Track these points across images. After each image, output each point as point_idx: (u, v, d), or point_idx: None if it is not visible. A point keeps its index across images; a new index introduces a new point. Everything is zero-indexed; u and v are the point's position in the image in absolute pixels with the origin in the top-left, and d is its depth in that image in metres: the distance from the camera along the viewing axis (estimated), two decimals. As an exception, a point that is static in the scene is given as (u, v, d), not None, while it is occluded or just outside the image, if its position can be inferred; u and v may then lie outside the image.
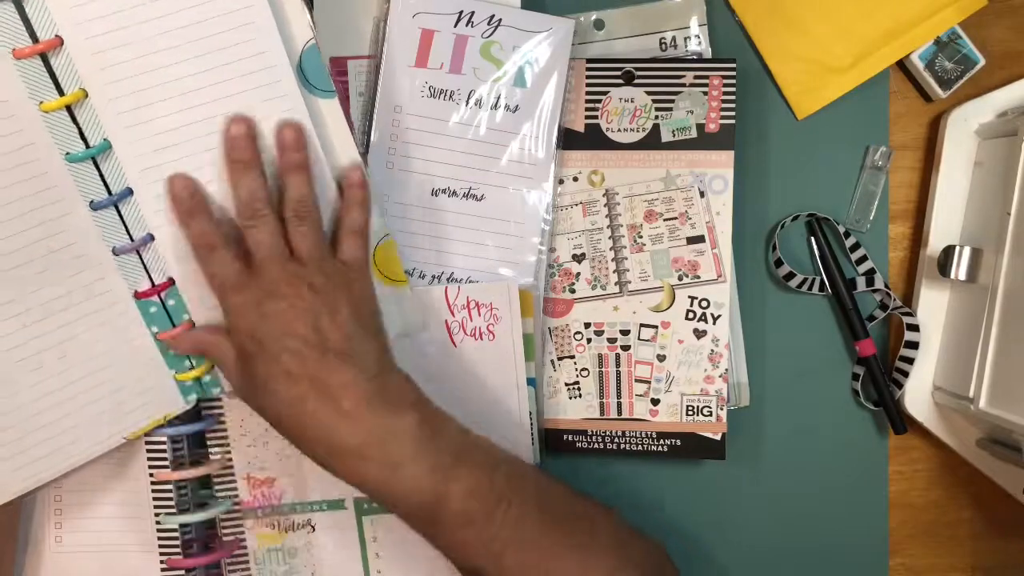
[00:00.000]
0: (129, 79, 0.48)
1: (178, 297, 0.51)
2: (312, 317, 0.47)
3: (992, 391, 0.54)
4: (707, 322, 0.58)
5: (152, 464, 0.54)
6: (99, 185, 0.49)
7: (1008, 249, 0.53)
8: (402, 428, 0.47)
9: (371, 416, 0.46)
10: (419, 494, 0.47)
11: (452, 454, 0.48)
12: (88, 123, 0.48)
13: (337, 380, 0.46)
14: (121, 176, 0.49)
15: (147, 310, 0.51)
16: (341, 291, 0.48)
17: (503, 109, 0.56)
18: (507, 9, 0.56)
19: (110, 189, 0.49)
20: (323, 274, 0.48)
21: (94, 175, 0.49)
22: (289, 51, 0.50)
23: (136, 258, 0.50)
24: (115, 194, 0.49)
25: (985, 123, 0.59)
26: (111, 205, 0.49)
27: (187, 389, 0.53)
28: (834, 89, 0.60)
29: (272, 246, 0.48)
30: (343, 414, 0.46)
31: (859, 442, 0.62)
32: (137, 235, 0.50)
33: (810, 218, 0.60)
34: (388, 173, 0.56)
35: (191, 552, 0.54)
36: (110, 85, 0.47)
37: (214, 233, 0.49)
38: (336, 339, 0.47)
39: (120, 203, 0.49)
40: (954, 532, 0.63)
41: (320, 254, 0.49)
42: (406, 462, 0.46)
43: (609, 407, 0.58)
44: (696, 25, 0.58)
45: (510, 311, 0.55)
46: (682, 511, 0.61)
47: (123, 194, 0.49)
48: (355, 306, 0.49)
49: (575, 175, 0.58)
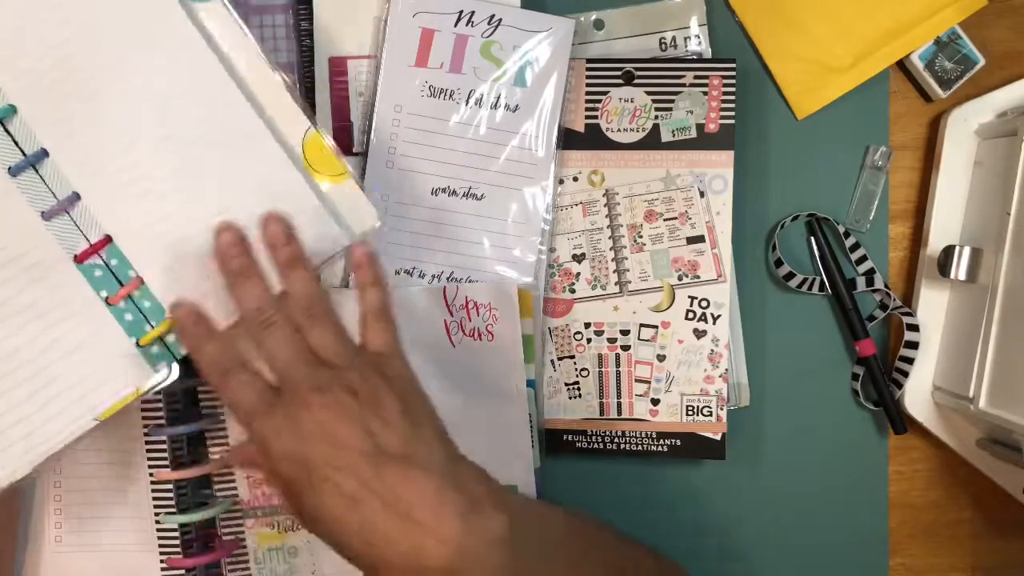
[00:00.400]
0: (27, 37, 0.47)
1: (120, 255, 0.48)
2: (358, 424, 0.41)
3: (992, 391, 0.54)
4: (707, 322, 0.58)
5: (152, 464, 0.54)
6: (14, 150, 0.47)
7: (1008, 249, 0.53)
8: (494, 537, 0.41)
9: (459, 527, 0.40)
10: None
11: (537, 552, 0.44)
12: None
13: (405, 490, 0.40)
14: (32, 138, 0.47)
15: (91, 274, 0.48)
16: (382, 386, 0.43)
17: (503, 109, 0.56)
18: (507, 9, 0.56)
19: (24, 151, 0.47)
20: (357, 372, 0.43)
21: (7, 140, 0.47)
22: None
23: (67, 219, 0.48)
24: (30, 155, 0.47)
25: (985, 123, 0.59)
26: (29, 167, 0.47)
27: (155, 356, 0.48)
28: (834, 89, 0.60)
29: (293, 353, 0.43)
30: (424, 529, 0.40)
31: (859, 442, 0.62)
32: (62, 195, 0.48)
33: (810, 218, 0.60)
34: (388, 173, 0.56)
35: (191, 552, 0.54)
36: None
37: (226, 356, 0.44)
38: (394, 442, 0.41)
39: (38, 164, 0.47)
40: (954, 532, 0.63)
41: (347, 351, 0.44)
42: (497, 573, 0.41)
43: (609, 407, 0.58)
44: (696, 25, 0.59)
45: (510, 311, 0.55)
46: (682, 511, 0.61)
47: (39, 155, 0.47)
48: (402, 398, 0.43)
49: (575, 175, 0.58)
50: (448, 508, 0.40)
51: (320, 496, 0.40)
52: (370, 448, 0.41)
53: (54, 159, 0.48)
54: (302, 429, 0.41)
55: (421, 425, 0.43)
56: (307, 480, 0.41)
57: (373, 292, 0.47)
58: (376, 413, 0.42)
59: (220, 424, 0.55)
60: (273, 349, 0.43)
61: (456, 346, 0.56)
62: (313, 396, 0.41)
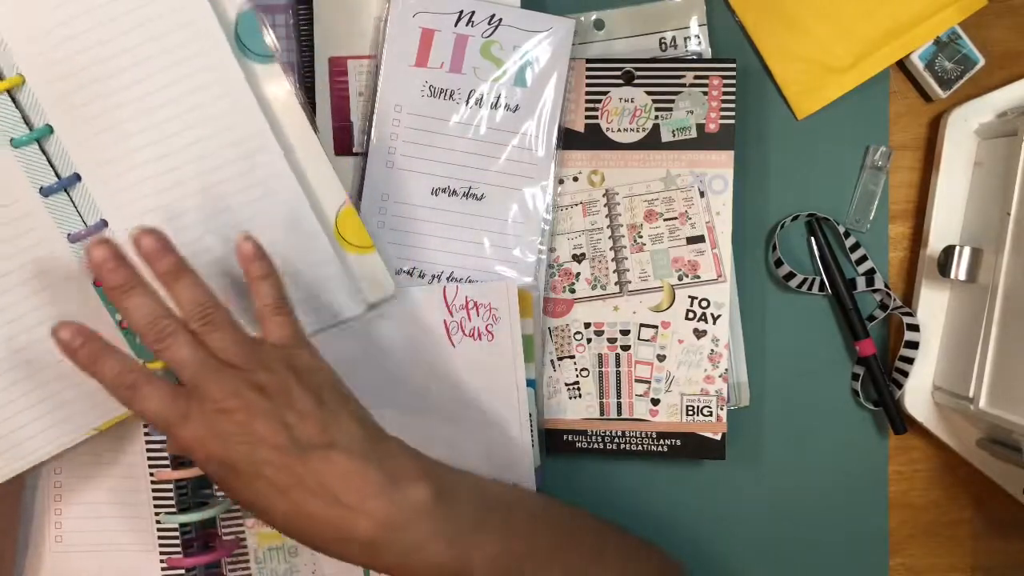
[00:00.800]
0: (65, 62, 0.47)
1: None
2: (274, 419, 0.43)
3: (992, 391, 0.54)
4: (707, 322, 0.58)
5: (152, 463, 0.54)
6: (47, 169, 0.48)
7: (1008, 249, 0.53)
8: (417, 507, 0.43)
9: (383, 502, 0.43)
10: (440, 570, 0.44)
11: (470, 522, 0.45)
12: (31, 108, 0.48)
13: (329, 475, 0.43)
14: (68, 161, 0.48)
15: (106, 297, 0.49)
16: (290, 378, 0.44)
17: (503, 109, 0.56)
18: (507, 9, 0.56)
19: (59, 173, 0.48)
20: (263, 368, 0.44)
21: (41, 159, 0.48)
22: (222, 18, 0.49)
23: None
24: (63, 179, 0.48)
25: (985, 123, 0.59)
26: (61, 190, 0.48)
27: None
28: (834, 89, 0.60)
29: (197, 360, 0.43)
30: (350, 508, 0.42)
31: (859, 442, 0.62)
32: (91, 221, 0.49)
33: (810, 218, 0.60)
34: (388, 173, 0.56)
35: (191, 551, 0.54)
36: (46, 68, 0.47)
37: (130, 370, 0.43)
38: (309, 432, 0.43)
39: (69, 188, 0.48)
40: (954, 532, 0.63)
41: (250, 350, 0.44)
42: (426, 543, 0.44)
43: (609, 407, 0.58)
44: (696, 25, 0.59)
45: (509, 311, 0.55)
46: (682, 511, 0.61)
47: (71, 179, 0.48)
48: (311, 387, 0.44)
49: (575, 175, 0.58)
50: (370, 485, 0.43)
51: (250, 489, 0.43)
52: (287, 440, 0.43)
53: (86, 185, 0.49)
54: (221, 433, 0.42)
55: (336, 411, 0.45)
56: (236, 477, 0.43)
57: (266, 285, 0.47)
58: (289, 406, 0.43)
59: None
60: (178, 357, 0.43)
61: (456, 346, 0.56)
62: (226, 401, 0.43)
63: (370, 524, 0.43)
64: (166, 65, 0.48)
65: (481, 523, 0.46)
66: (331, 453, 0.43)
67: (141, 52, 0.48)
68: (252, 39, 0.50)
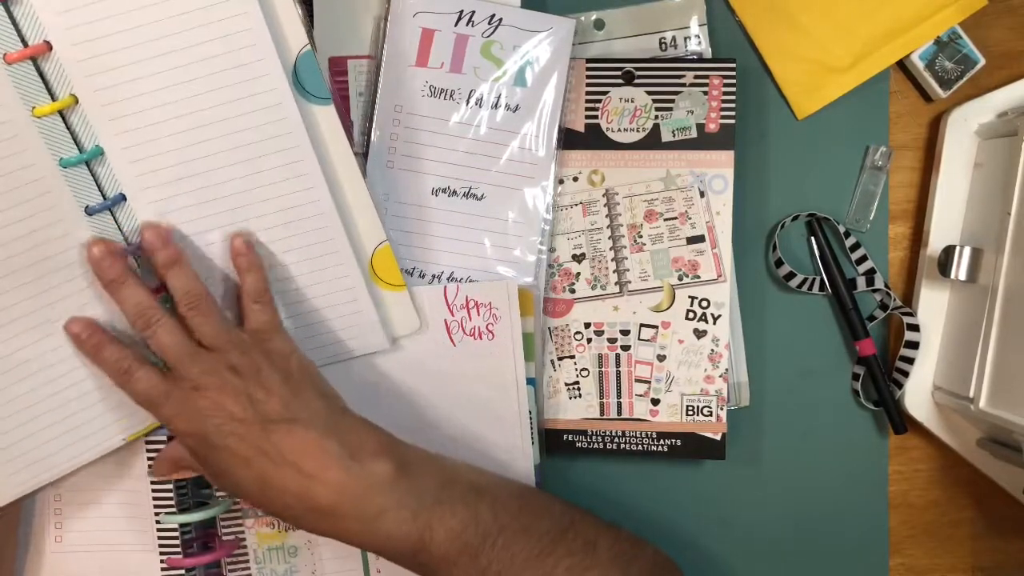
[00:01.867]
0: (120, 86, 0.48)
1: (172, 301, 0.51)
2: (243, 396, 0.47)
3: (992, 391, 0.54)
4: (707, 322, 0.58)
5: (152, 464, 0.54)
6: (94, 190, 0.49)
7: (1008, 249, 0.53)
8: (376, 478, 0.47)
9: (340, 472, 0.46)
10: (402, 541, 0.47)
11: (432, 495, 0.48)
12: (81, 128, 0.48)
13: (290, 446, 0.46)
14: (115, 181, 0.49)
15: None
16: (262, 360, 0.48)
17: (503, 108, 0.56)
18: (507, 9, 0.56)
19: (104, 194, 0.49)
20: (238, 351, 0.48)
21: (88, 180, 0.49)
22: (283, 58, 0.50)
23: (133, 263, 0.50)
24: (109, 199, 0.49)
25: (985, 123, 0.59)
26: (106, 210, 0.49)
27: None
28: (834, 89, 0.60)
29: (177, 345, 0.48)
30: (310, 477, 0.46)
31: (859, 442, 0.62)
32: (133, 240, 0.50)
33: (810, 218, 0.60)
34: (388, 173, 0.56)
35: (191, 552, 0.54)
36: (101, 92, 0.48)
37: (125, 357, 0.48)
38: (274, 407, 0.47)
39: (114, 208, 0.49)
40: (954, 532, 0.63)
41: (227, 334, 0.49)
42: (385, 512, 0.47)
43: (609, 407, 0.58)
44: (696, 25, 0.59)
45: (509, 311, 0.55)
46: (682, 511, 0.61)
47: (116, 199, 0.49)
48: (281, 368, 0.49)
49: (575, 175, 0.58)
50: (329, 456, 0.46)
51: (219, 460, 0.47)
52: (254, 415, 0.47)
53: (131, 204, 0.50)
54: (196, 408, 0.47)
55: (301, 389, 0.49)
56: (208, 448, 0.47)
57: (251, 276, 0.51)
58: (258, 384, 0.48)
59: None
60: (161, 343, 0.48)
61: (456, 346, 0.56)
62: (201, 379, 0.47)
63: (329, 492, 0.46)
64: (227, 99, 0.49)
65: (443, 497, 0.48)
66: (293, 427, 0.47)
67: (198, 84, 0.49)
68: (311, 80, 0.51)
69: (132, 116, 0.48)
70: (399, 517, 0.47)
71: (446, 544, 0.47)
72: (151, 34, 0.47)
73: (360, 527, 0.47)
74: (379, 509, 0.47)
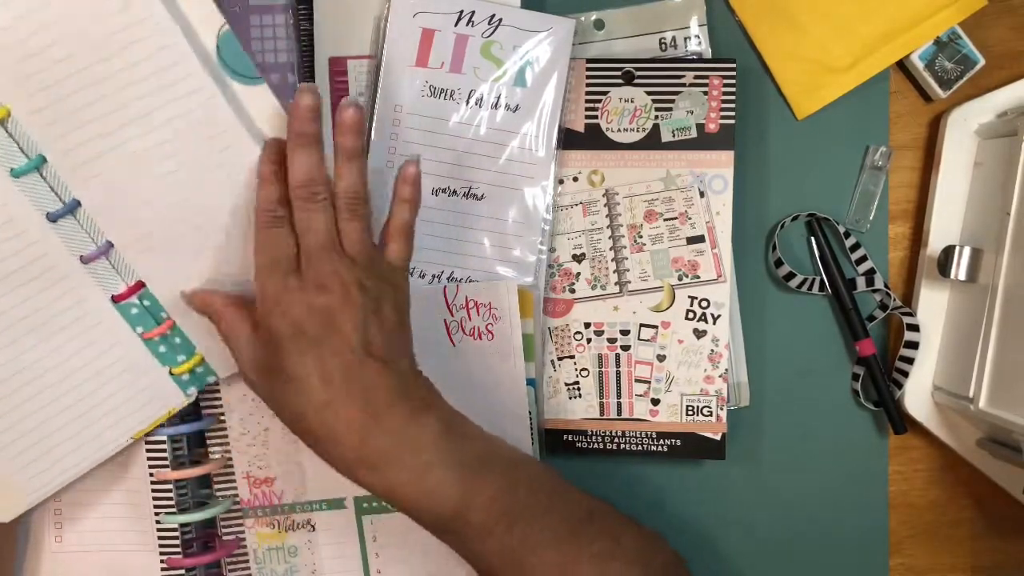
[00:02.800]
0: (48, 90, 0.47)
1: (152, 297, 0.51)
2: (360, 319, 0.46)
3: (992, 391, 0.54)
4: (707, 322, 0.58)
5: (152, 464, 0.54)
6: (51, 196, 0.49)
7: (1008, 249, 0.53)
8: (430, 431, 0.46)
9: (400, 420, 0.46)
10: (445, 500, 0.46)
11: (477, 459, 0.47)
12: (22, 138, 0.48)
13: (373, 384, 0.45)
14: (65, 188, 0.49)
15: (128, 312, 0.51)
16: (388, 294, 0.47)
17: (503, 109, 0.56)
18: (507, 9, 0.56)
19: (62, 199, 0.49)
20: (374, 275, 0.47)
21: (44, 187, 0.49)
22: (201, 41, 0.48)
23: (106, 263, 0.50)
24: (67, 203, 0.49)
25: (985, 123, 0.59)
26: (68, 214, 0.49)
27: (185, 383, 0.53)
28: (834, 89, 0.60)
29: (327, 235, 0.46)
30: (375, 419, 0.45)
31: (859, 442, 0.62)
32: (99, 241, 0.50)
33: (810, 218, 0.60)
34: (388, 173, 0.56)
35: (191, 551, 0.55)
36: (32, 97, 0.47)
37: (282, 206, 0.47)
38: (379, 344, 0.46)
39: (75, 212, 0.49)
40: (954, 532, 0.63)
41: (371, 251, 0.48)
42: (432, 468, 0.46)
43: (609, 407, 0.58)
44: (696, 25, 0.59)
45: (509, 311, 0.56)
46: (682, 511, 0.61)
47: (72, 204, 0.49)
48: (398, 309, 0.48)
49: (575, 175, 0.58)
50: (398, 406, 0.46)
51: (300, 364, 0.45)
52: (359, 340, 0.45)
53: (87, 209, 0.49)
54: (312, 302, 0.45)
55: (404, 337, 0.49)
56: (295, 346, 0.45)
57: (405, 209, 0.50)
58: (376, 314, 0.46)
59: (220, 424, 0.55)
60: (314, 223, 0.46)
61: (456, 346, 0.56)
62: (332, 280, 0.46)
63: (388, 435, 0.45)
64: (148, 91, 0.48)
65: (486, 466, 0.47)
66: (384, 369, 0.46)
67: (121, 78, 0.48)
68: (235, 60, 0.49)
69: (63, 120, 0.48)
70: (445, 476, 0.46)
71: (484, 512, 0.46)
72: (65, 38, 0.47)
73: (408, 478, 0.45)
74: (427, 463, 0.46)
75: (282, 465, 0.56)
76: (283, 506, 0.56)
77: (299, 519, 0.57)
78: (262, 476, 0.56)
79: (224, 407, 0.55)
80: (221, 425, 0.55)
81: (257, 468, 0.56)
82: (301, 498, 0.56)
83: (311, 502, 0.56)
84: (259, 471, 0.56)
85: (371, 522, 0.57)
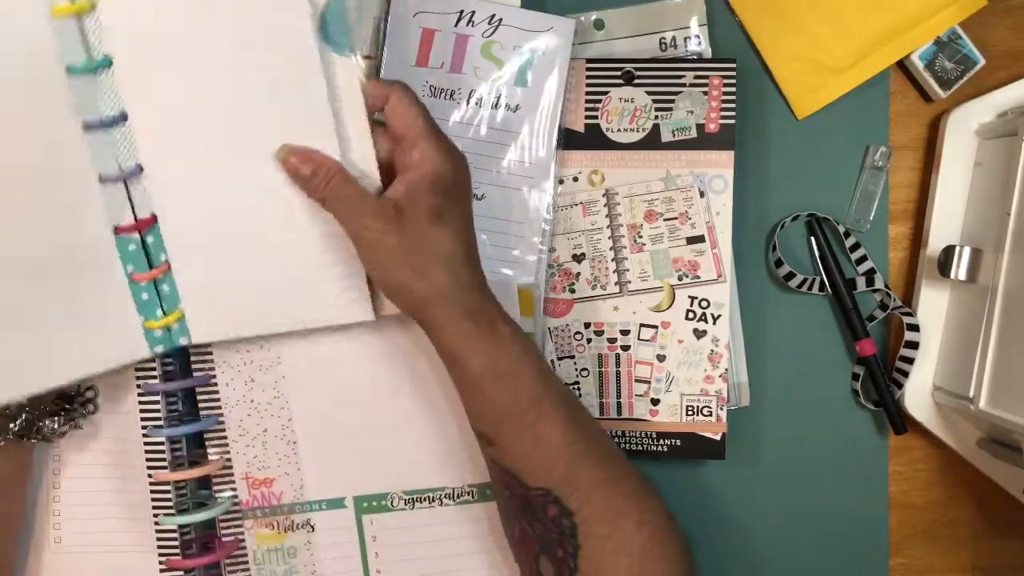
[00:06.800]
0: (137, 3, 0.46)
1: (158, 235, 0.49)
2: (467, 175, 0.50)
3: (992, 391, 0.54)
4: (707, 322, 0.58)
5: (151, 465, 0.54)
6: (94, 104, 0.46)
7: (1008, 249, 0.53)
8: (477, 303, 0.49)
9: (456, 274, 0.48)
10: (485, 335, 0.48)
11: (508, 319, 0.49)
12: (94, 36, 0.46)
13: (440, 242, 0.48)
14: (117, 98, 0.47)
15: (125, 247, 0.49)
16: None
17: (503, 109, 0.56)
18: (507, 9, 0.56)
19: (107, 112, 0.47)
20: None
21: (92, 92, 0.46)
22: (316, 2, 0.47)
23: (123, 190, 0.48)
24: (108, 117, 0.47)
25: (985, 123, 0.59)
26: (104, 127, 0.47)
27: (155, 339, 0.51)
28: (834, 89, 0.60)
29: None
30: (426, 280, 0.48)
31: (859, 442, 0.62)
32: (127, 165, 0.48)
33: (810, 218, 0.60)
34: (388, 173, 0.56)
35: (190, 553, 0.54)
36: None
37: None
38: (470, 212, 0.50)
39: (114, 127, 0.47)
40: (954, 532, 0.63)
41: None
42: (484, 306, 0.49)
43: (609, 407, 0.58)
44: (696, 25, 0.58)
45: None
46: (682, 511, 0.61)
47: (117, 118, 0.47)
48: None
49: (575, 175, 0.58)
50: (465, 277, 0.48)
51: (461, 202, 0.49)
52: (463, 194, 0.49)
53: (132, 125, 0.47)
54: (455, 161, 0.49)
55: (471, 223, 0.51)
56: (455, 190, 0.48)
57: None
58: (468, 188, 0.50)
59: (219, 425, 0.55)
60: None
61: (456, 346, 0.56)
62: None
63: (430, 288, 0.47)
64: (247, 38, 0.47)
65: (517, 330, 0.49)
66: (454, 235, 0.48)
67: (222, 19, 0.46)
68: (336, 28, 0.48)
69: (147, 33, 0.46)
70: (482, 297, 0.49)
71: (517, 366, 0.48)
72: None
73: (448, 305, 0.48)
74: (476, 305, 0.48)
75: (281, 466, 0.56)
76: (282, 507, 0.56)
77: (298, 519, 0.57)
78: (261, 477, 0.56)
79: (223, 408, 0.55)
80: (220, 426, 0.55)
81: (256, 469, 0.56)
82: (300, 499, 0.56)
83: (310, 502, 0.56)
84: (258, 472, 0.56)
85: (371, 522, 0.57)
